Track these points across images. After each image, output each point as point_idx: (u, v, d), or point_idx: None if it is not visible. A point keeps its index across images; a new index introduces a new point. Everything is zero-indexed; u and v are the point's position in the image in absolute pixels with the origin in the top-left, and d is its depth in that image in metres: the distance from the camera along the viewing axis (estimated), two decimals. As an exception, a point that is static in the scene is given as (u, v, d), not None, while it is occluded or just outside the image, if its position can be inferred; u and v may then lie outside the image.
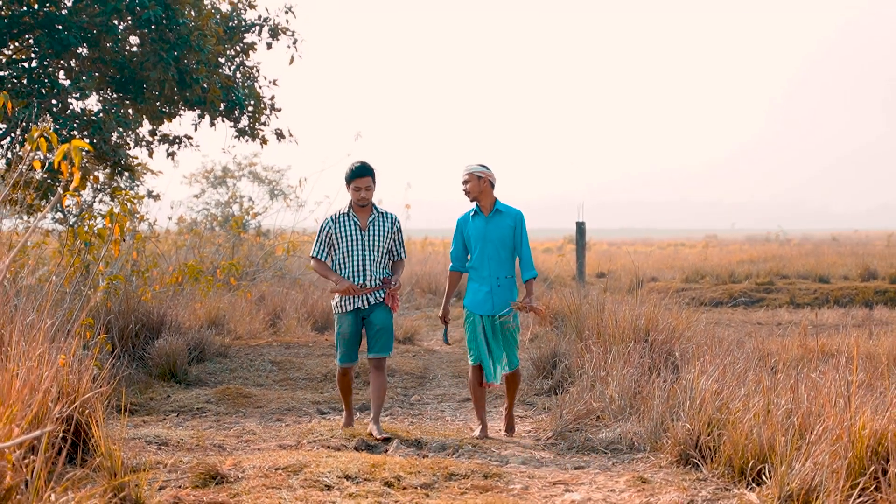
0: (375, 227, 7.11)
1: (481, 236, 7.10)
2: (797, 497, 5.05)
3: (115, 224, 8.80)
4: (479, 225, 7.13)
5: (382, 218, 7.17)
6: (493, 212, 7.12)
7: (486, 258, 7.10)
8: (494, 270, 7.09)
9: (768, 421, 5.58)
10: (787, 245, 38.42)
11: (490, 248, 7.08)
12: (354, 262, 7.05)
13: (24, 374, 4.42)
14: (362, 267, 7.05)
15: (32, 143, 3.63)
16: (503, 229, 7.09)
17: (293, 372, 10.14)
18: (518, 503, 5.25)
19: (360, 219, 7.11)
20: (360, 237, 7.07)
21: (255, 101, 12.93)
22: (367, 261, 7.05)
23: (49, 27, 11.51)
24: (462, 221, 7.24)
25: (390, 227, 7.18)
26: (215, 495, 5.29)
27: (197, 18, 11.99)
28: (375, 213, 7.16)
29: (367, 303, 7.06)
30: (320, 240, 7.16)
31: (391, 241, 7.20)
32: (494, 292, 7.07)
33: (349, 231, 7.08)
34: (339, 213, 7.16)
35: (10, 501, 3.67)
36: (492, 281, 7.08)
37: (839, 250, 30.69)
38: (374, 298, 7.08)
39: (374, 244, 7.08)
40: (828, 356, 8.34)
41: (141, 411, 7.95)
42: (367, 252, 7.06)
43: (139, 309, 10.20)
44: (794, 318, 15.12)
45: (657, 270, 24.07)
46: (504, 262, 7.11)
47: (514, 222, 7.11)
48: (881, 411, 5.03)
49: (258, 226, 20.86)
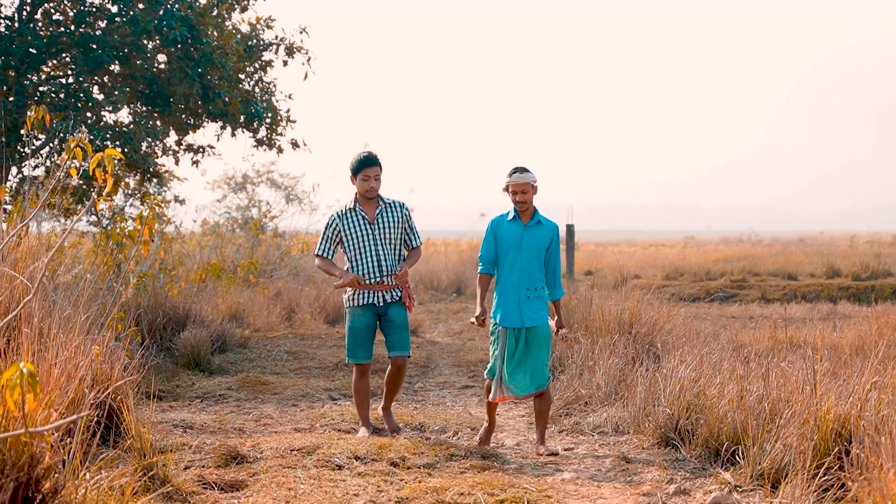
0: (384, 219, 6.36)
1: (516, 244, 6.16)
2: (768, 476, 5.06)
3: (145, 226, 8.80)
4: (515, 232, 6.19)
5: (390, 208, 6.40)
6: (533, 221, 6.19)
7: (517, 268, 6.16)
8: (524, 282, 6.16)
9: (741, 406, 5.60)
10: (758, 245, 38.40)
11: (523, 258, 6.15)
12: (368, 258, 6.30)
13: (61, 363, 4.43)
14: (377, 261, 6.30)
15: (69, 153, 3.64)
16: (540, 240, 6.18)
17: (307, 361, 10.15)
18: (513, 481, 5.25)
19: (368, 212, 6.36)
20: (369, 231, 6.31)
21: (273, 114, 12.94)
22: (381, 255, 6.30)
23: (84, 46, 11.53)
24: (496, 223, 6.28)
25: (399, 216, 6.40)
26: (236, 474, 5.30)
27: (219, 38, 12.00)
28: (382, 203, 6.39)
29: (381, 300, 6.33)
30: (326, 237, 6.43)
31: (402, 229, 6.43)
32: (523, 303, 6.14)
33: (357, 226, 6.33)
34: (345, 209, 6.39)
35: (48, 480, 3.67)
36: (520, 292, 6.15)
37: (806, 250, 30.69)
38: (389, 296, 6.35)
39: (386, 236, 6.34)
40: (796, 347, 8.34)
41: (168, 397, 7.96)
42: (380, 245, 6.31)
43: (166, 304, 10.22)
44: (764, 312, 15.12)
45: (640, 269, 24.05)
46: (535, 274, 6.18)
47: (551, 235, 6.23)
48: (844, 397, 5.03)
49: (275, 228, 20.85)
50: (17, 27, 11.56)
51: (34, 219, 7.68)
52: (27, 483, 3.57)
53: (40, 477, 3.62)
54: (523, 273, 6.14)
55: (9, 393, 2.72)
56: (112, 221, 12.35)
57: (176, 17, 11.42)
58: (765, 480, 5.05)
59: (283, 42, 13.10)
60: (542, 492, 5.07)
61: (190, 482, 5.05)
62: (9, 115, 11.06)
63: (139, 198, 13.51)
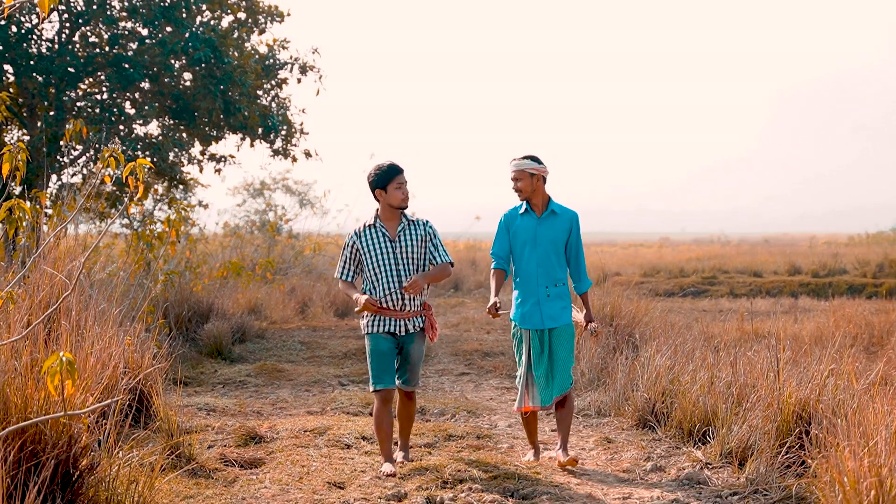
0: (406, 236, 5.13)
1: (530, 238, 5.18)
2: (735, 454, 5.06)
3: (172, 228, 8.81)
4: (529, 225, 5.20)
5: (414, 225, 5.19)
6: (546, 212, 5.20)
7: (533, 264, 5.18)
8: (543, 278, 5.17)
9: (711, 391, 5.60)
10: (727, 246, 38.37)
11: (540, 252, 5.16)
12: (387, 279, 5.06)
13: (97, 352, 4.43)
14: (397, 282, 5.07)
15: (104, 162, 3.64)
16: (556, 232, 5.19)
17: (319, 351, 10.15)
18: (505, 459, 5.26)
19: (389, 229, 5.15)
20: (390, 249, 5.11)
21: (287, 126, 12.95)
22: (402, 275, 5.08)
23: (118, 66, 11.53)
24: (509, 217, 5.29)
25: (423, 234, 5.17)
26: (254, 453, 5.30)
27: (239, 58, 12.01)
28: (405, 221, 5.19)
29: (403, 329, 5.09)
30: (345, 258, 5.23)
31: (426, 249, 5.19)
32: (543, 303, 5.15)
33: (377, 243, 5.12)
34: (365, 226, 5.19)
35: (85, 458, 3.68)
36: (539, 291, 5.16)
37: (770, 250, 30.68)
38: (411, 325, 5.11)
39: (408, 255, 5.11)
40: (760, 338, 8.34)
41: (193, 383, 7.96)
42: (402, 266, 5.09)
43: (191, 298, 10.22)
44: (732, 306, 15.11)
45: (620, 267, 24.04)
46: (554, 269, 5.18)
47: (569, 225, 5.22)
48: (804, 383, 5.04)
49: (290, 230, 20.86)
50: (57, 48, 11.57)
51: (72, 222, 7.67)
52: (66, 460, 3.57)
53: (78, 455, 3.62)
54: (541, 269, 5.17)
55: (50, 379, 2.72)
56: (142, 224, 12.35)
57: (200, 40, 11.43)
58: (733, 458, 5.06)
59: (297, 62, 13.10)
60: (531, 468, 5.07)
61: (213, 460, 5.05)
62: (49, 128, 11.06)
63: (167, 203, 13.53)
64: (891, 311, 11.68)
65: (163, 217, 12.88)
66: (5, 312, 4.22)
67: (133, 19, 11.84)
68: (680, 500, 4.57)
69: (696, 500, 4.58)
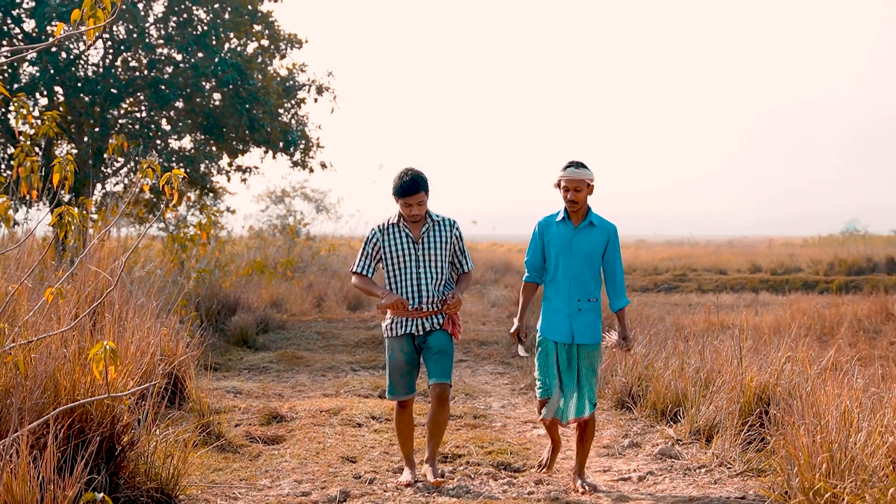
0: (431, 238, 4.42)
1: (565, 248, 4.32)
2: (703, 431, 5.06)
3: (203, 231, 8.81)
4: (565, 234, 4.33)
5: (439, 226, 4.46)
6: (584, 223, 4.33)
7: (567, 276, 4.32)
8: (575, 291, 4.31)
9: (682, 376, 5.60)
10: (696, 247, 38.34)
11: (574, 264, 4.31)
12: (408, 281, 4.38)
13: (136, 341, 4.42)
14: (417, 286, 4.37)
15: (143, 172, 3.64)
16: (593, 244, 4.32)
17: (333, 340, 10.14)
18: (499, 437, 5.26)
19: (413, 229, 4.44)
20: (412, 250, 4.40)
21: (305, 141, 12.94)
22: (422, 278, 4.38)
23: (155, 87, 11.55)
24: (543, 225, 4.42)
25: (448, 236, 4.45)
26: (276, 430, 5.30)
27: (263, 80, 12.01)
28: (430, 221, 4.44)
29: (421, 329, 4.39)
30: (365, 253, 4.47)
31: (451, 251, 4.48)
32: (574, 317, 4.30)
33: (400, 243, 4.41)
34: (388, 223, 4.46)
35: (126, 435, 3.67)
36: (571, 304, 4.31)
37: (733, 251, 30.68)
38: (430, 324, 4.39)
39: (431, 258, 4.40)
40: (725, 328, 8.33)
41: (221, 369, 7.95)
42: (423, 268, 4.38)
43: (220, 293, 10.21)
44: (701, 300, 15.10)
45: (601, 265, 24.01)
46: (588, 283, 4.33)
47: (607, 238, 4.34)
48: (764, 369, 5.04)
49: (307, 233, 20.82)
50: (102, 72, 11.59)
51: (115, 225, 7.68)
52: (110, 437, 3.57)
53: (120, 433, 3.62)
54: (574, 281, 4.32)
55: (95, 365, 2.72)
56: (177, 228, 12.35)
57: (228, 64, 11.44)
58: (700, 435, 5.05)
59: (313, 83, 13.09)
60: (521, 445, 5.07)
61: (239, 437, 5.05)
62: (95, 142, 11.07)
63: (199, 208, 13.52)
64: (840, 304, 11.68)
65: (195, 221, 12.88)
66: (56, 306, 4.22)
67: (169, 46, 11.87)
68: (654, 473, 4.57)
69: (668, 472, 4.58)
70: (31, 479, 2.92)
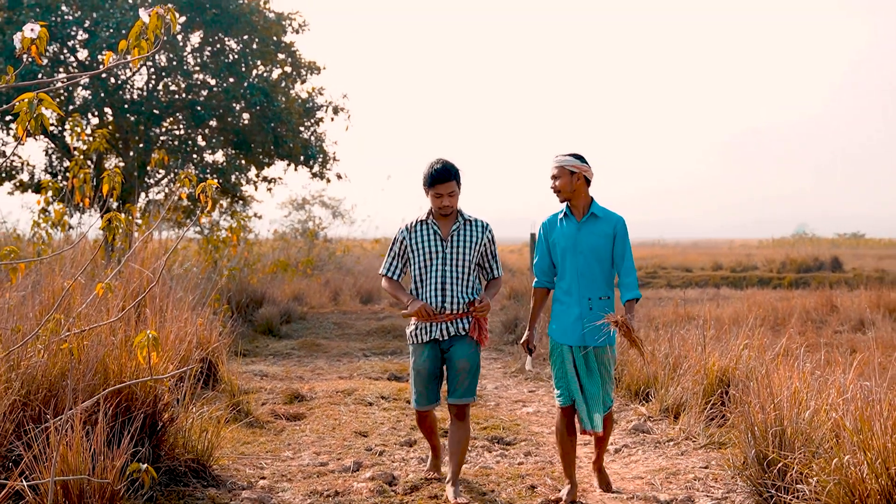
0: (460, 238, 3.70)
1: (570, 245, 3.61)
2: (671, 410, 5.06)
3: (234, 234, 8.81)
4: (569, 231, 3.62)
5: (470, 226, 3.74)
6: (587, 216, 3.61)
7: (575, 274, 3.60)
8: (585, 290, 3.58)
9: (653, 360, 5.59)
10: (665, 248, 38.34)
11: (581, 260, 3.59)
12: (432, 281, 3.67)
13: (175, 330, 4.43)
14: (440, 286, 3.65)
15: (181, 182, 3.64)
16: (599, 238, 3.59)
17: (348, 329, 10.13)
18: (493, 414, 5.26)
19: (442, 227, 3.72)
20: (439, 249, 3.69)
21: (323, 155, 12.95)
22: (447, 279, 3.66)
23: (192, 108, 11.56)
24: (547, 226, 3.71)
25: (479, 237, 3.73)
26: (297, 408, 5.30)
27: (286, 102, 12.03)
28: (461, 220, 3.73)
29: (445, 333, 3.66)
30: (393, 254, 3.79)
31: (480, 254, 3.75)
32: (585, 317, 3.56)
33: (427, 242, 3.70)
34: (416, 221, 3.76)
35: (167, 413, 3.67)
36: (582, 303, 3.58)
37: (698, 251, 30.69)
38: (454, 328, 3.66)
39: (458, 258, 3.68)
40: (691, 319, 8.34)
41: (250, 355, 7.95)
42: (449, 268, 3.67)
43: (249, 289, 10.20)
44: (669, 294, 15.09)
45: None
46: (597, 279, 3.59)
47: (612, 230, 3.60)
48: (725, 354, 5.04)
49: (325, 235, 20.83)
50: (145, 95, 11.60)
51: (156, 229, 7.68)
52: (152, 415, 3.57)
53: (161, 410, 3.62)
54: (583, 279, 3.59)
55: (139, 351, 2.73)
56: (211, 231, 12.35)
57: (256, 88, 11.45)
58: (669, 413, 5.06)
59: (330, 105, 13.10)
60: (512, 421, 5.07)
61: (265, 414, 5.05)
62: (139, 156, 11.08)
63: (230, 214, 13.53)
64: (791, 298, 11.68)
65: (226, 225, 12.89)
66: (105, 300, 4.23)
67: (204, 72, 11.88)
68: (629, 445, 4.57)
69: (641, 445, 4.58)
70: (84, 450, 2.93)
